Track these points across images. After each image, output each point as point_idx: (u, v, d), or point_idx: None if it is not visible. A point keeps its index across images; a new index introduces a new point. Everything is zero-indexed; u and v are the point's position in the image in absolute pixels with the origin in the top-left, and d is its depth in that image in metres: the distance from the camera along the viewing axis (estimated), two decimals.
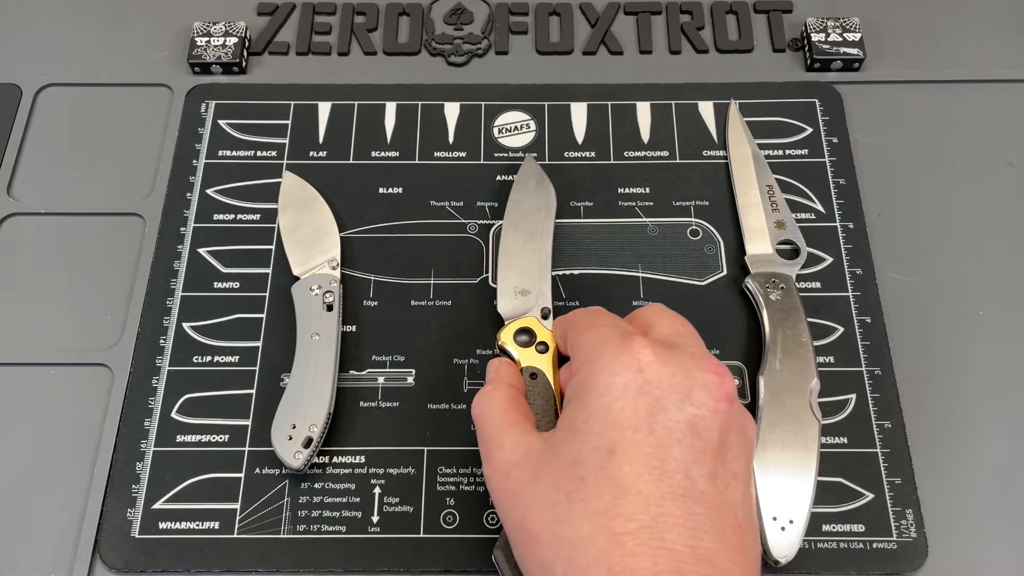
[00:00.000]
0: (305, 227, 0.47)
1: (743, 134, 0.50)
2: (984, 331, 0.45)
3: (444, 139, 0.51)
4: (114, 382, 0.44)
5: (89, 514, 0.41)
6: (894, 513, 0.40)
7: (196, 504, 0.41)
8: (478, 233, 0.48)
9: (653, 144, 0.50)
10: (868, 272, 0.46)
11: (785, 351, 0.42)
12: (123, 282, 0.47)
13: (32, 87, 0.53)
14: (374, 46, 0.55)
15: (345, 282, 0.46)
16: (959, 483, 0.41)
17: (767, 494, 0.39)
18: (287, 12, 0.56)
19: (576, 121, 0.51)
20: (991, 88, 0.52)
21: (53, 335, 0.45)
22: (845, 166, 0.49)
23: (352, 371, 0.44)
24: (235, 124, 0.51)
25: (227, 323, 0.45)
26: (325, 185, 0.49)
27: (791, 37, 0.54)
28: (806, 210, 0.48)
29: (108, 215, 0.49)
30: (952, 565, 0.40)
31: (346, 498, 0.41)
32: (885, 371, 0.44)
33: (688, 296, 0.46)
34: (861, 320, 0.45)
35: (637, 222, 0.48)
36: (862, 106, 0.52)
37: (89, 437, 0.43)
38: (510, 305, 0.44)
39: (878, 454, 0.42)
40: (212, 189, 0.49)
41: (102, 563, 0.40)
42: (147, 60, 0.54)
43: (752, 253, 0.46)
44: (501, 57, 0.54)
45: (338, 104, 0.52)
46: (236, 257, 0.47)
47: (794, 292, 0.44)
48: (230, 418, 0.43)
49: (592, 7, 0.56)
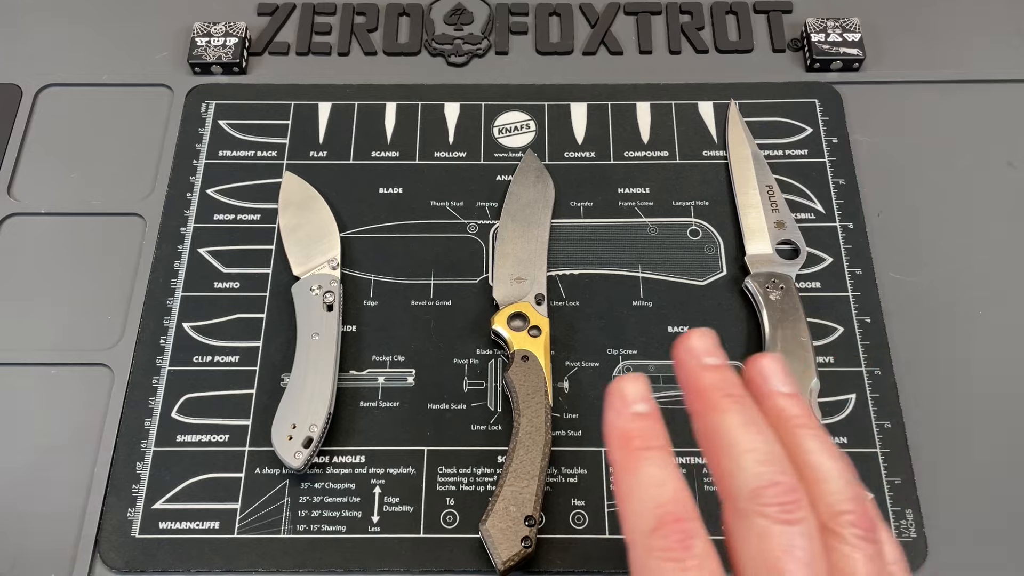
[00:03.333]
0: (305, 227, 0.47)
1: (743, 134, 0.50)
2: (984, 331, 0.45)
3: (444, 139, 0.51)
4: (114, 382, 0.44)
5: (89, 514, 0.41)
6: (894, 513, 0.40)
7: (196, 504, 0.41)
8: (478, 233, 0.48)
9: (653, 144, 0.50)
10: (868, 272, 0.46)
11: (785, 351, 0.42)
12: (123, 282, 0.47)
13: (32, 87, 0.53)
14: (374, 46, 0.55)
15: (345, 282, 0.46)
16: (959, 483, 0.41)
17: None
18: (287, 12, 0.56)
19: (576, 121, 0.51)
20: (991, 88, 0.52)
21: (53, 335, 0.45)
22: (845, 166, 0.49)
23: (352, 371, 0.44)
24: (235, 124, 0.51)
25: (227, 323, 0.45)
26: (325, 185, 0.49)
27: (791, 37, 0.54)
28: (806, 210, 0.48)
29: (108, 215, 0.49)
30: (952, 565, 0.40)
31: (346, 498, 0.41)
32: (885, 371, 0.44)
33: (688, 296, 0.46)
34: (861, 320, 0.45)
35: (637, 222, 0.48)
36: (862, 106, 0.52)
37: (89, 437, 0.43)
38: (505, 291, 0.45)
39: (878, 454, 0.42)
40: (212, 189, 0.49)
41: (102, 563, 0.40)
42: (147, 60, 0.54)
43: (752, 253, 0.46)
44: (501, 57, 0.54)
45: (338, 104, 0.52)
46: (236, 257, 0.47)
47: (794, 292, 0.44)
48: (230, 418, 0.43)
49: (592, 7, 0.56)
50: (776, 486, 0.26)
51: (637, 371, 0.44)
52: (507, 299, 0.45)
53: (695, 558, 0.26)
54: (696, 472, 0.41)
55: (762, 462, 0.27)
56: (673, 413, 0.43)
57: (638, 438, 0.28)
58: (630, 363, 0.44)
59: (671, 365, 0.43)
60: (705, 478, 0.41)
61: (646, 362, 0.44)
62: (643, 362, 0.44)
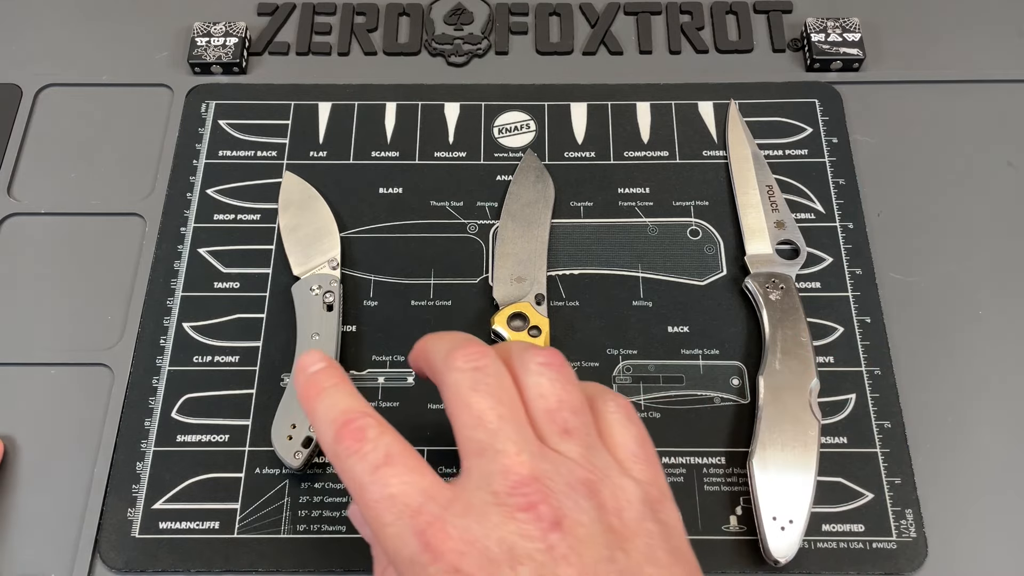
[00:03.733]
0: (305, 227, 0.47)
1: (743, 134, 0.50)
2: (984, 331, 0.45)
3: (444, 139, 0.51)
4: (114, 382, 0.44)
5: (89, 514, 0.41)
6: (894, 513, 0.40)
7: (196, 504, 0.41)
8: (478, 233, 0.48)
9: (653, 144, 0.50)
10: (868, 272, 0.46)
11: (785, 351, 0.42)
12: (123, 282, 0.47)
13: (32, 87, 0.53)
14: (374, 46, 0.55)
15: (345, 282, 0.46)
16: (959, 483, 0.41)
17: (767, 494, 0.39)
18: (287, 12, 0.56)
19: (576, 121, 0.51)
20: (991, 88, 0.52)
21: (53, 335, 0.45)
22: (845, 166, 0.49)
23: (352, 371, 0.44)
24: (235, 124, 0.51)
25: (227, 323, 0.45)
26: (325, 185, 0.49)
27: (791, 37, 0.54)
28: (806, 210, 0.48)
29: (108, 215, 0.49)
30: (952, 565, 0.40)
31: (346, 498, 0.41)
32: (885, 371, 0.44)
33: (688, 296, 0.46)
34: (861, 320, 0.45)
35: (637, 222, 0.48)
36: (862, 106, 0.52)
37: (89, 437, 0.43)
38: (505, 291, 0.45)
39: (878, 454, 0.42)
40: (212, 189, 0.49)
41: (102, 563, 0.40)
42: (147, 60, 0.54)
43: (752, 253, 0.46)
44: (501, 57, 0.54)
45: (338, 104, 0.52)
46: (236, 257, 0.47)
47: (794, 292, 0.44)
48: (230, 418, 0.43)
49: (592, 7, 0.56)
50: (466, 347, 0.31)
51: (637, 371, 0.44)
52: (507, 299, 0.45)
53: (370, 442, 0.30)
54: (696, 472, 0.41)
55: (450, 344, 0.32)
56: (674, 413, 0.43)
57: (315, 384, 0.32)
58: (630, 363, 0.44)
59: (671, 365, 0.44)
60: (705, 478, 0.41)
61: (646, 362, 0.44)
62: (643, 362, 0.44)
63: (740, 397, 0.43)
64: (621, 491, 0.30)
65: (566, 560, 0.27)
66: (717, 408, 0.43)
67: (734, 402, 0.43)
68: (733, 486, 0.41)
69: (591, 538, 0.28)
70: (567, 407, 0.31)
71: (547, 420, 0.31)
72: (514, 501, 0.28)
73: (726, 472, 0.41)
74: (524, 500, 0.28)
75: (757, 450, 0.40)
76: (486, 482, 0.29)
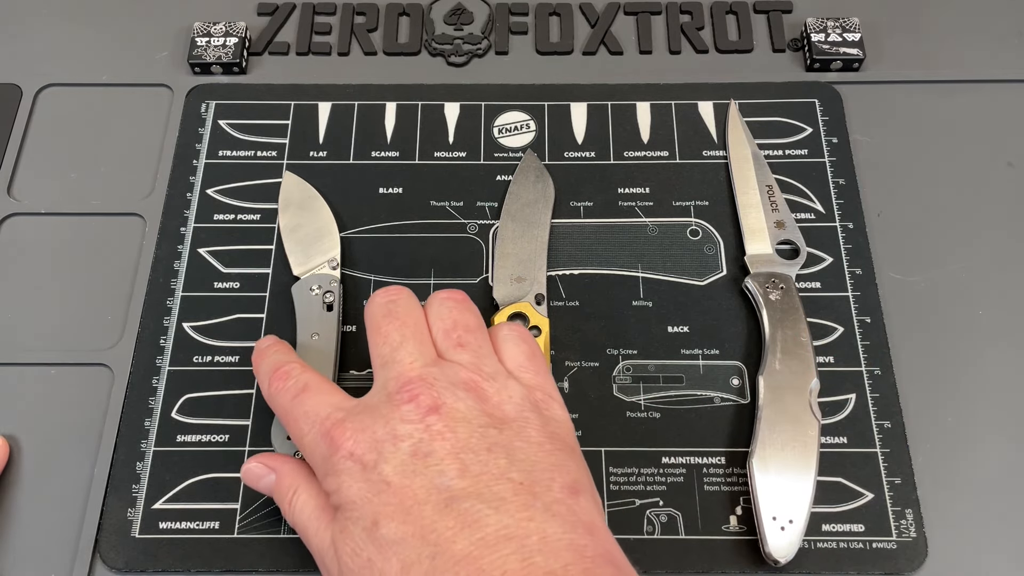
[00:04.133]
0: (305, 227, 0.47)
1: (743, 134, 0.50)
2: (984, 331, 0.45)
3: (444, 139, 0.51)
4: (114, 382, 0.44)
5: (89, 514, 0.41)
6: (894, 513, 0.40)
7: (196, 504, 0.41)
8: (478, 233, 0.48)
9: (653, 144, 0.50)
10: (868, 272, 0.46)
11: (785, 351, 0.42)
12: (123, 282, 0.47)
13: (32, 87, 0.53)
14: (374, 46, 0.55)
15: (345, 282, 0.46)
16: (959, 483, 0.41)
17: (767, 494, 0.39)
18: (287, 12, 0.56)
19: (576, 121, 0.51)
20: (991, 88, 0.52)
21: (53, 335, 0.45)
22: (845, 166, 0.49)
23: (352, 371, 0.44)
24: (235, 124, 0.51)
25: (227, 323, 0.45)
26: (325, 185, 0.49)
27: (791, 37, 0.54)
28: (806, 210, 0.48)
29: (108, 215, 0.49)
30: (952, 565, 0.40)
31: None
32: (885, 371, 0.44)
33: (688, 296, 0.46)
34: (861, 320, 0.45)
35: (637, 222, 0.48)
36: (862, 106, 0.52)
37: (89, 437, 0.43)
38: (505, 291, 0.45)
39: (878, 454, 0.42)
40: (212, 189, 0.49)
41: (102, 563, 0.40)
42: (147, 60, 0.54)
43: (752, 253, 0.46)
44: (501, 57, 0.54)
45: (338, 104, 0.52)
46: (236, 257, 0.47)
47: (794, 292, 0.44)
48: (230, 418, 0.43)
49: (592, 7, 0.56)
50: (385, 293, 0.38)
51: (637, 371, 0.44)
52: (507, 299, 0.45)
53: (292, 378, 0.36)
54: (696, 472, 0.41)
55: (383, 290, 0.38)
56: (674, 413, 0.43)
57: (259, 352, 0.39)
58: (630, 363, 0.44)
59: (671, 365, 0.44)
60: (705, 478, 0.41)
61: (646, 362, 0.44)
62: (643, 362, 0.44)
63: (740, 397, 0.43)
64: (504, 390, 0.35)
65: (441, 436, 0.32)
66: (717, 408, 0.43)
67: (734, 402, 0.43)
68: (733, 486, 0.41)
69: (466, 420, 0.33)
70: (461, 326, 0.37)
71: (444, 337, 0.36)
72: (399, 396, 0.33)
73: (726, 472, 0.41)
74: (408, 394, 0.33)
75: (757, 450, 0.40)
76: (383, 386, 0.35)
